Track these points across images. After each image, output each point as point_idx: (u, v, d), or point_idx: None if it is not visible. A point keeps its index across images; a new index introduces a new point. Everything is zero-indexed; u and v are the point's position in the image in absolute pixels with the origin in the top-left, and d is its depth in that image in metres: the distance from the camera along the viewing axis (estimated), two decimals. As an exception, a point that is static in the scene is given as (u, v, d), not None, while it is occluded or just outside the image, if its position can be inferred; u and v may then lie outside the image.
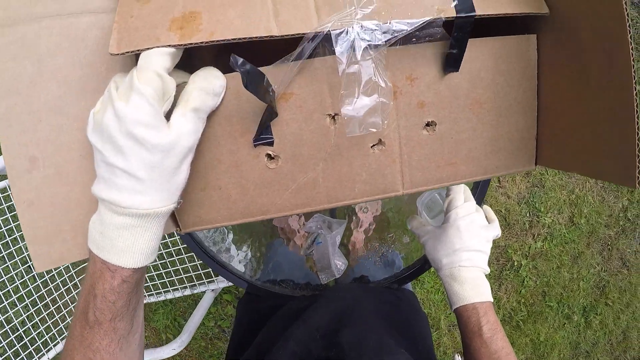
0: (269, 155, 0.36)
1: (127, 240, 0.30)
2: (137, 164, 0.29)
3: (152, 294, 1.07)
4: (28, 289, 0.93)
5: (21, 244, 0.90)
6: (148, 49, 0.29)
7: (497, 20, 0.36)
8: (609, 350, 1.53)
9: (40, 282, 0.95)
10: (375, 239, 0.72)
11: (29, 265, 0.97)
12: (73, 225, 0.35)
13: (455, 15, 0.32)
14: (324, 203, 0.38)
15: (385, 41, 0.31)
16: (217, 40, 0.30)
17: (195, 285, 1.07)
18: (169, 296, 1.08)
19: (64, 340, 0.95)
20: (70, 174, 0.34)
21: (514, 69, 0.38)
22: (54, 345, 0.95)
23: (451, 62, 0.36)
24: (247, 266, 0.71)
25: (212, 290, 1.10)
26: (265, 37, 0.30)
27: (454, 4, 0.33)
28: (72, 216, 0.35)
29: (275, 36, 0.31)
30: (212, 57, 0.55)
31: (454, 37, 0.34)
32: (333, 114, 0.36)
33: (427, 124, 0.38)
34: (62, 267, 1.03)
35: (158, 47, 0.29)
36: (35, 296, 0.93)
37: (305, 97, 0.35)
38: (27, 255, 0.94)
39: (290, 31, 0.31)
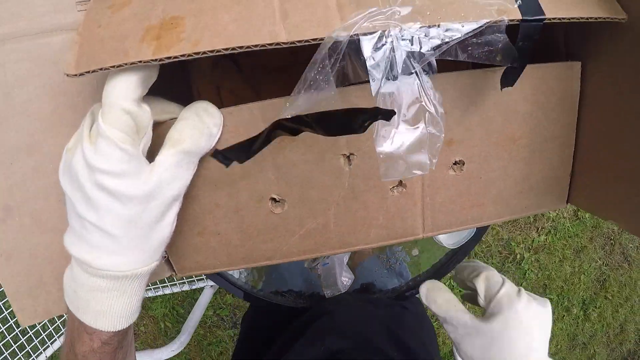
0: (273, 199, 0.32)
1: (103, 303, 0.27)
2: (111, 219, 0.25)
3: (150, 289, 1.05)
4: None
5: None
6: (113, 67, 0.23)
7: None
8: (606, 342, 1.55)
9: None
10: (383, 250, 0.69)
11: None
12: (57, 277, 0.31)
13: (520, 17, 0.25)
14: (335, 248, 0.34)
15: (434, 48, 0.23)
16: (204, 52, 0.23)
17: (194, 280, 1.05)
18: (167, 291, 1.07)
19: (61, 338, 0.93)
20: (49, 222, 0.30)
21: (554, 101, 0.33)
22: (52, 343, 0.93)
23: (508, 78, 0.29)
24: (248, 277, 0.68)
25: (211, 286, 1.08)
26: (269, 45, 0.23)
27: (517, 2, 0.25)
28: (55, 267, 0.31)
29: (283, 43, 0.23)
30: (209, 66, 0.50)
31: (517, 47, 0.26)
32: (348, 154, 0.31)
33: (455, 163, 0.33)
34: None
35: (124, 65, 0.23)
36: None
37: (315, 135, 0.30)
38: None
39: (304, 36, 0.23)
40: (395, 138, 0.23)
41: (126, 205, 0.25)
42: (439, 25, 0.23)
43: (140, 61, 0.22)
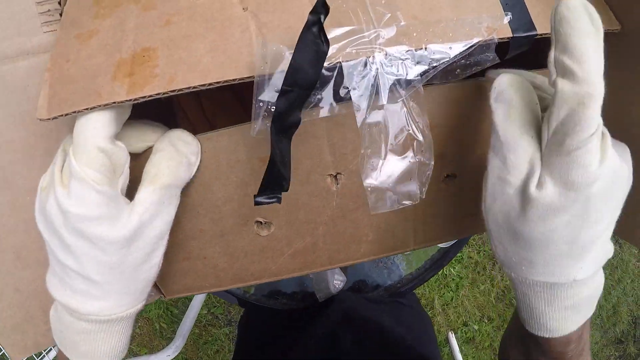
0: (259, 222, 0.31)
1: (91, 345, 0.26)
2: (92, 266, 0.24)
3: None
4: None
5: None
6: (86, 109, 0.22)
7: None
8: (599, 324, 1.57)
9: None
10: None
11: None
12: (44, 310, 0.31)
13: (511, 35, 0.25)
14: (324, 265, 0.34)
15: (421, 74, 0.23)
16: (180, 89, 0.22)
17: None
18: (162, 294, 1.06)
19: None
20: (31, 256, 0.29)
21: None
22: (54, 346, 0.93)
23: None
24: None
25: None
26: (247, 78, 0.23)
27: (507, 19, 0.24)
28: (41, 300, 0.31)
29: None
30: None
31: (506, 60, 0.26)
32: (335, 174, 0.30)
33: (446, 176, 0.32)
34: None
35: (97, 107, 0.22)
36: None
37: (300, 157, 0.29)
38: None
39: (285, 66, 0.22)
40: (383, 169, 0.23)
41: (107, 251, 0.23)
42: (425, 48, 0.22)
43: (114, 102, 0.21)
